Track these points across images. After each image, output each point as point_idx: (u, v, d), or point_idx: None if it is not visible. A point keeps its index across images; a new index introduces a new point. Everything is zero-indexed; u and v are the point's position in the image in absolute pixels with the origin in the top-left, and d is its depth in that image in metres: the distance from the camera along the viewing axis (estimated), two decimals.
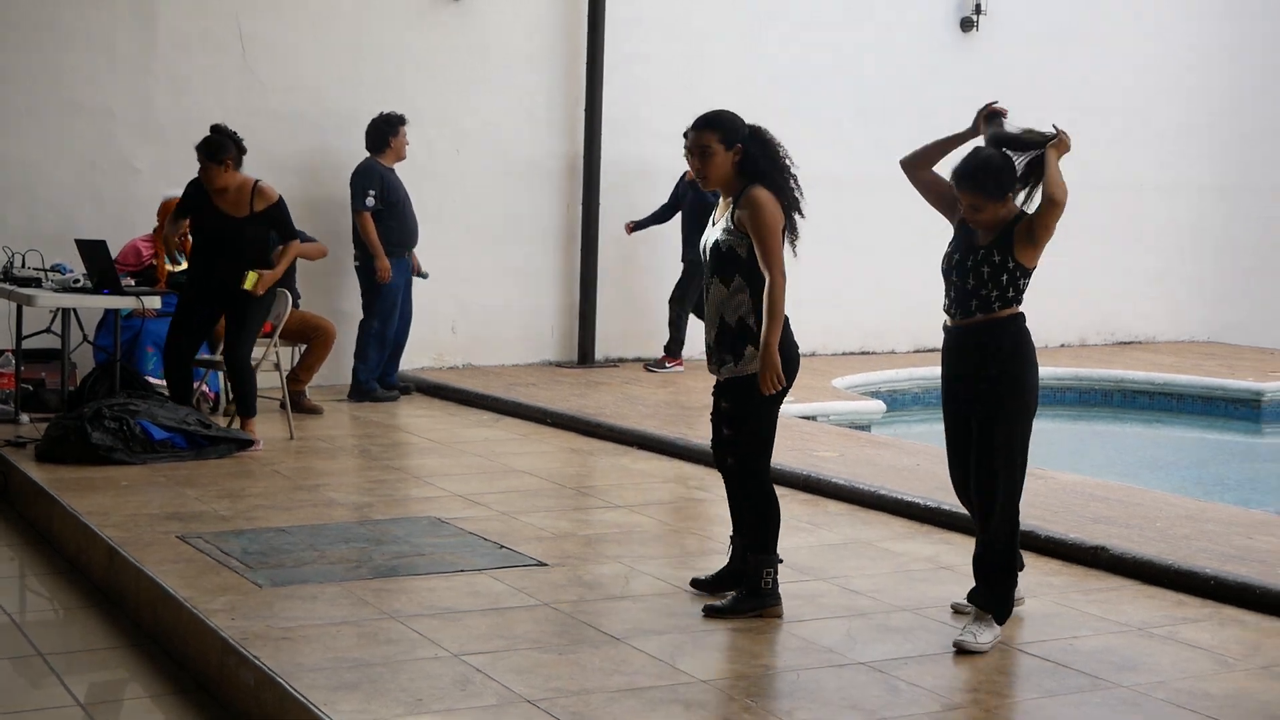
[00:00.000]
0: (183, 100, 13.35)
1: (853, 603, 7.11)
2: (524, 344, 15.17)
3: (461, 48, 14.71)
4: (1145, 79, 18.37)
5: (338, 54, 14.11)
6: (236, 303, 10.79)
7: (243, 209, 10.81)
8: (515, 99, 14.98)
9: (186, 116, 13.10)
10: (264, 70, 13.76)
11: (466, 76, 14.74)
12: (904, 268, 16.02)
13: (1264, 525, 8.81)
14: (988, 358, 6.64)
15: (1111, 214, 18.18)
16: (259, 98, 13.61)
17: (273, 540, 8.15)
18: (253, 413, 10.96)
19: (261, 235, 10.93)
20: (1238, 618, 7.11)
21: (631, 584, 7.49)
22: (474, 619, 6.80)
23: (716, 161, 6.88)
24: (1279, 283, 19.62)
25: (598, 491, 10.04)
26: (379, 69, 14.26)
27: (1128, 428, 15.49)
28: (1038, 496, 9.30)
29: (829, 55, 16.46)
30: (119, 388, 11.03)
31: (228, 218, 10.81)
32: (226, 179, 10.78)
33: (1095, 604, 7.31)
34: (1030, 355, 6.72)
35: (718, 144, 6.86)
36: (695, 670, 6.13)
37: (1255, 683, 6.19)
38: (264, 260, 10.90)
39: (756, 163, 6.88)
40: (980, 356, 6.66)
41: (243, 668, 6.11)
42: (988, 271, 6.65)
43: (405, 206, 13.30)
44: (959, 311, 6.74)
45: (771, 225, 6.76)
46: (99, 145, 13.25)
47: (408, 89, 14.26)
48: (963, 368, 6.75)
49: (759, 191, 6.81)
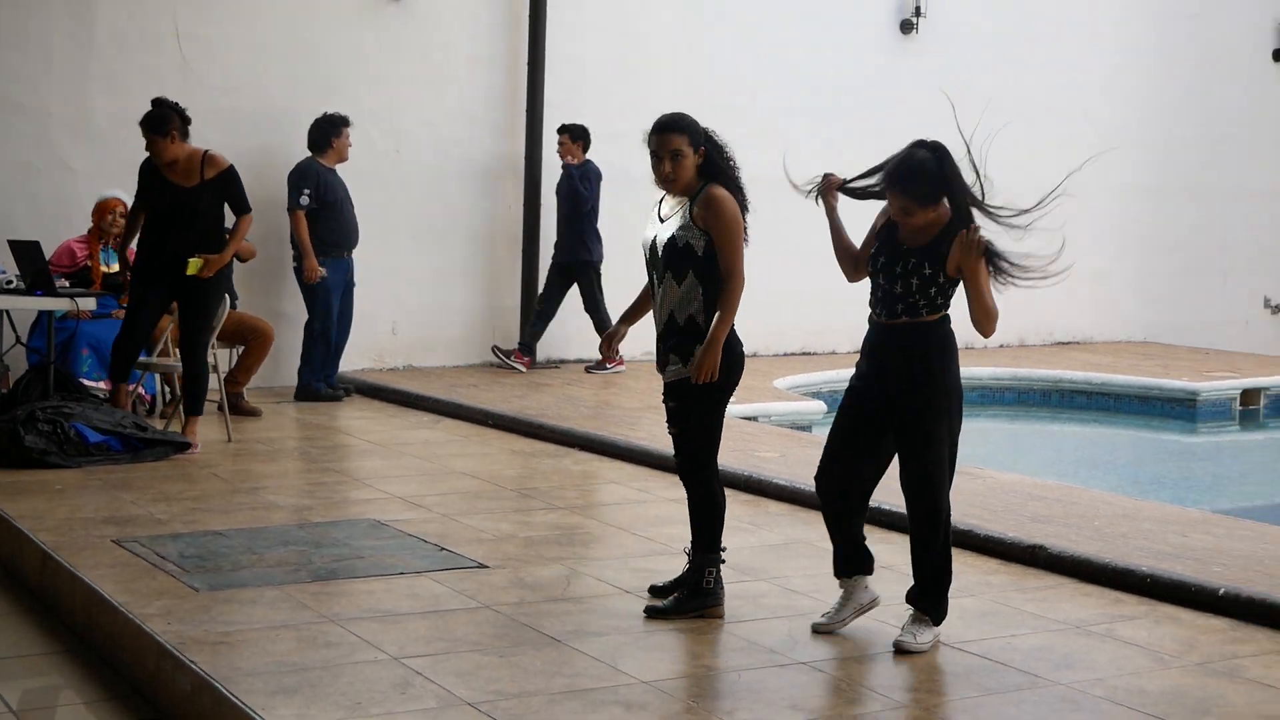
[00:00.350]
0: (120, 100, 13.24)
1: (794, 603, 7.11)
2: (465, 345, 15.13)
3: (402, 48, 14.67)
4: (1081, 80, 18.47)
5: (277, 53, 14.04)
6: (191, 291, 10.65)
7: (193, 178, 10.64)
8: (456, 99, 14.94)
9: (124, 116, 12.99)
10: (202, 69, 13.67)
11: (407, 77, 14.69)
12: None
13: (1199, 523, 8.86)
14: (913, 359, 6.60)
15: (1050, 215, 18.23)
16: (197, 97, 13.47)
17: (210, 544, 8.09)
18: (200, 411, 10.87)
19: (214, 208, 10.73)
20: (1174, 615, 7.14)
21: (573, 586, 7.47)
22: (414, 622, 6.77)
23: (687, 165, 6.87)
24: (1213, 283, 19.81)
25: (539, 493, 10.01)
26: (318, 68, 14.19)
27: (1065, 427, 15.57)
28: (976, 496, 9.33)
29: (772, 57, 16.48)
30: (53, 390, 10.94)
31: (179, 189, 10.62)
32: (174, 150, 10.63)
33: (1033, 602, 7.33)
34: (954, 356, 6.71)
35: (687, 147, 6.86)
36: (637, 671, 6.12)
37: (1191, 679, 6.22)
38: (217, 236, 10.74)
39: (714, 163, 6.91)
40: (905, 357, 6.61)
41: (179, 673, 6.06)
42: (916, 283, 6.60)
43: (344, 206, 13.26)
44: (885, 312, 6.68)
45: (736, 224, 6.81)
46: (35, 145, 13.14)
47: (348, 89, 14.20)
48: (885, 366, 6.66)
49: (720, 190, 6.84)
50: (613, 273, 14.74)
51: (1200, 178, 19.49)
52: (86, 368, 11.95)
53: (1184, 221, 19.48)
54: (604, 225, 15.01)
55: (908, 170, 6.52)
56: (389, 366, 14.81)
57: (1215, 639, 6.80)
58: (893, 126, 17.36)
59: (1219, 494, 12.54)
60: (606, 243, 14.92)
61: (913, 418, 6.57)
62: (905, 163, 6.55)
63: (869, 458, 6.74)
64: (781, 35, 16.54)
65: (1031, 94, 17.97)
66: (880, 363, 6.68)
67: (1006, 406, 15.95)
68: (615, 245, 15.00)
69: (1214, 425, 15.35)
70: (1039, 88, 18.08)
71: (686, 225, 6.84)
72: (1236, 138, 19.78)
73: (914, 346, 6.61)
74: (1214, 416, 15.43)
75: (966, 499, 9.25)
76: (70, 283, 12.01)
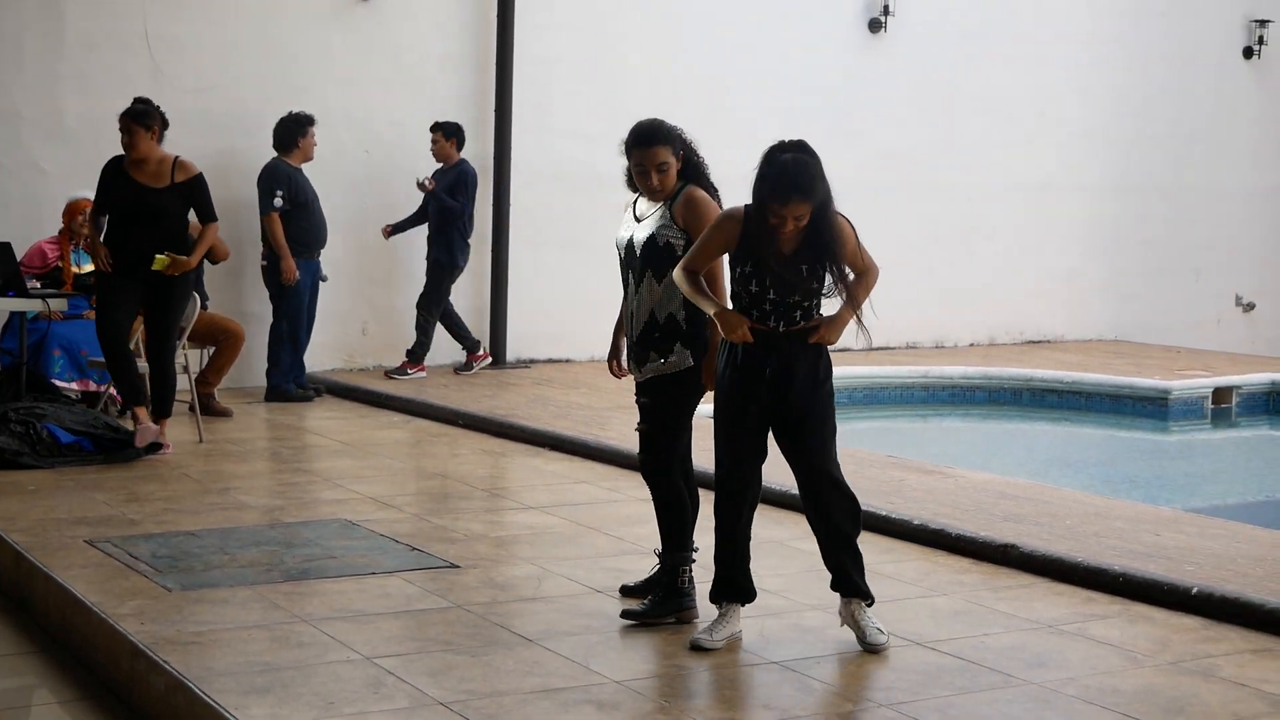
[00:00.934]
0: (90, 100, 13.21)
1: (765, 602, 7.12)
2: (436, 345, 15.11)
3: (371, 48, 14.65)
4: (1050, 78, 18.50)
5: (246, 54, 14.02)
6: (157, 291, 10.59)
7: (163, 180, 10.56)
8: (425, 100, 14.92)
9: (94, 117, 12.99)
10: (171, 70, 13.64)
11: (376, 77, 14.68)
12: None
13: (1171, 522, 8.90)
14: (811, 359, 6.52)
15: (1020, 214, 18.37)
16: (167, 98, 13.38)
17: (183, 544, 8.09)
18: (169, 413, 10.83)
19: (179, 211, 10.64)
20: (1146, 614, 7.17)
21: (544, 585, 7.48)
22: (386, 621, 6.78)
23: (672, 174, 6.88)
24: (1184, 281, 19.87)
25: (510, 493, 10.02)
26: (287, 69, 14.17)
27: (1037, 426, 15.60)
28: (948, 495, 9.37)
29: (742, 56, 16.48)
30: (25, 392, 10.92)
31: (146, 189, 10.52)
32: (148, 148, 10.55)
33: (1005, 601, 7.36)
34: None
35: (671, 156, 6.86)
36: (609, 671, 6.14)
37: (1164, 678, 6.25)
38: (181, 240, 10.70)
39: (691, 164, 6.94)
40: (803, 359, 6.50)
41: (153, 672, 6.06)
42: (816, 286, 6.46)
43: (313, 207, 13.26)
44: (782, 321, 6.47)
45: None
46: (5, 146, 13.11)
47: (316, 89, 14.18)
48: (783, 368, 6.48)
49: (699, 191, 6.88)
50: (585, 274, 14.79)
51: (1171, 176, 19.53)
52: (58, 368, 11.92)
53: (1155, 219, 19.52)
54: (571, 228, 15.06)
55: (807, 177, 6.28)
56: (359, 367, 14.80)
57: (1188, 638, 6.83)
58: (867, 126, 17.56)
59: (1191, 493, 12.58)
60: (573, 245, 14.94)
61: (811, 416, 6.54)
62: (802, 170, 6.29)
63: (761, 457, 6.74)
64: (751, 35, 16.55)
65: (1001, 92, 18.02)
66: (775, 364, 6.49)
67: (977, 406, 15.99)
68: (583, 248, 15.03)
69: (1186, 424, 15.39)
70: (1008, 85, 18.11)
71: (667, 224, 6.84)
72: (1208, 135, 19.82)
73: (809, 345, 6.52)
74: (1186, 415, 15.48)
75: (938, 498, 9.29)
76: (42, 284, 11.99)
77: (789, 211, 6.28)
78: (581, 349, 15.81)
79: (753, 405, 6.55)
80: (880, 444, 12.00)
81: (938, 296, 17.74)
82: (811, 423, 6.56)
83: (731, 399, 6.60)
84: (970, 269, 18.10)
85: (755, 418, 6.59)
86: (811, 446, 6.59)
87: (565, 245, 15.45)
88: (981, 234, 18.18)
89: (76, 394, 11.88)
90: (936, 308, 17.80)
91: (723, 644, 6.52)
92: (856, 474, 9.92)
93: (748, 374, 6.54)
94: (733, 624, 6.64)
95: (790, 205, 6.27)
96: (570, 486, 10.05)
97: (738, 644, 6.58)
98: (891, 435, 14.52)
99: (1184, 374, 16.07)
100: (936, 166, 17.62)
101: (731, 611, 6.67)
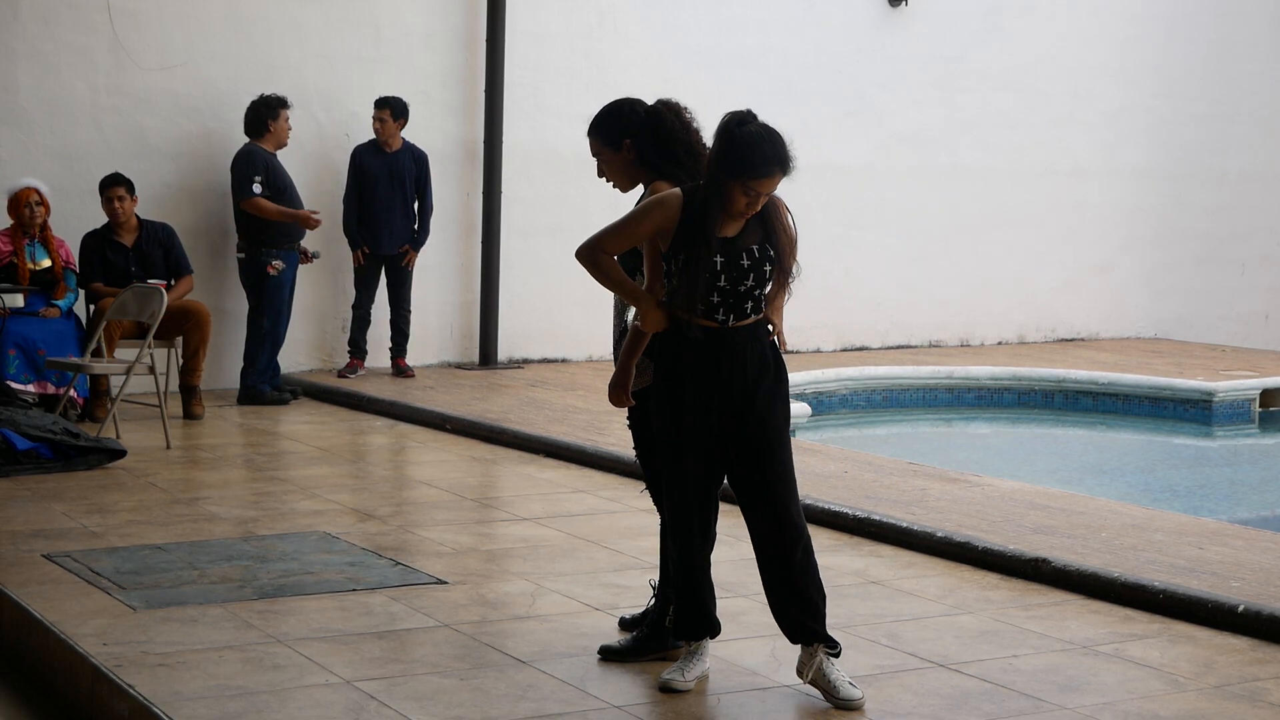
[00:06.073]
0: (47, 80, 13.21)
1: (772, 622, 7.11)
2: (421, 344, 15.11)
3: (351, 25, 14.65)
4: (1083, 56, 18.46)
5: (217, 30, 14.01)
6: None
7: None
8: (410, 80, 14.91)
9: (52, 97, 13.00)
10: (136, 48, 13.64)
11: (357, 56, 14.68)
12: (828, 260, 16.09)
13: (1216, 535, 8.90)
14: (766, 357, 6.33)
15: (1050, 202, 18.33)
16: (131, 78, 13.50)
17: (148, 559, 8.10)
18: None
19: None
20: (1189, 634, 7.18)
21: (538, 603, 7.49)
22: (368, 642, 6.79)
23: (615, 165, 6.78)
24: (1229, 275, 19.80)
25: (501, 503, 10.03)
26: (261, 47, 14.18)
27: (1070, 431, 15.61)
28: (974, 505, 9.37)
29: (748, 32, 16.49)
30: None
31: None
32: None
33: (1036, 620, 7.37)
34: None
35: (604, 148, 6.77)
36: (607, 695, 6.14)
37: (1207, 703, 6.26)
38: None
39: (646, 155, 6.71)
40: (759, 356, 6.31)
41: (116, 697, 6.07)
42: (768, 270, 6.29)
43: (292, 194, 13.29)
44: (733, 315, 6.27)
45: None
46: None
47: (293, 69, 14.19)
48: (736, 370, 6.27)
49: (662, 186, 6.56)
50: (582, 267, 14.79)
51: (1215, 160, 19.48)
52: (14, 369, 11.92)
53: (1197, 208, 19.47)
54: (566, 215, 15.08)
55: (786, 147, 6.16)
56: (339, 367, 14.80)
57: (1234, 660, 6.84)
58: (884, 106, 17.56)
59: (1237, 503, 12.59)
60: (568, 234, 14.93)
61: (769, 423, 6.28)
62: (780, 141, 6.15)
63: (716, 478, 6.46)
64: (759, 8, 16.52)
65: (1031, 69, 17.99)
66: (729, 367, 6.26)
67: (1006, 409, 15.99)
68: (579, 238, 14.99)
69: (1231, 428, 15.39)
70: (1039, 62, 18.08)
71: None
72: (1253, 116, 19.73)
73: (763, 338, 6.35)
74: (1231, 419, 15.48)
75: (963, 509, 9.29)
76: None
77: (767, 187, 6.16)
78: (578, 348, 15.82)
79: (703, 417, 6.28)
80: (901, 450, 12.01)
81: (962, 290, 17.73)
82: (771, 438, 6.27)
83: (676, 410, 6.31)
84: (998, 261, 18.07)
85: (706, 432, 6.32)
86: (772, 475, 6.26)
87: (559, 233, 15.41)
88: (1010, 223, 18.15)
89: (34, 397, 11.89)
90: (961, 302, 17.79)
91: (694, 684, 6.32)
92: (875, 483, 9.95)
93: (696, 380, 6.28)
94: (703, 661, 6.43)
95: (774, 179, 6.16)
96: (566, 496, 10.06)
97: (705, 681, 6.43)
98: (913, 440, 14.53)
99: (1229, 374, 16.06)
100: (959, 150, 17.59)
101: (701, 648, 6.44)
